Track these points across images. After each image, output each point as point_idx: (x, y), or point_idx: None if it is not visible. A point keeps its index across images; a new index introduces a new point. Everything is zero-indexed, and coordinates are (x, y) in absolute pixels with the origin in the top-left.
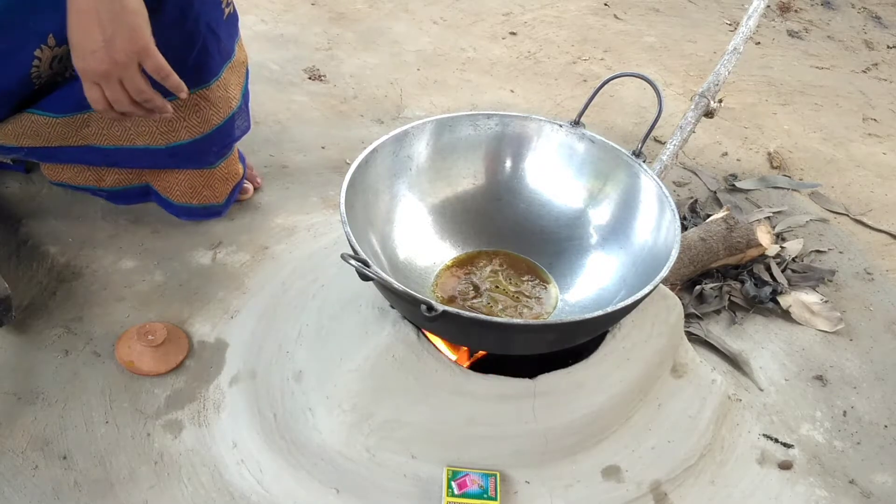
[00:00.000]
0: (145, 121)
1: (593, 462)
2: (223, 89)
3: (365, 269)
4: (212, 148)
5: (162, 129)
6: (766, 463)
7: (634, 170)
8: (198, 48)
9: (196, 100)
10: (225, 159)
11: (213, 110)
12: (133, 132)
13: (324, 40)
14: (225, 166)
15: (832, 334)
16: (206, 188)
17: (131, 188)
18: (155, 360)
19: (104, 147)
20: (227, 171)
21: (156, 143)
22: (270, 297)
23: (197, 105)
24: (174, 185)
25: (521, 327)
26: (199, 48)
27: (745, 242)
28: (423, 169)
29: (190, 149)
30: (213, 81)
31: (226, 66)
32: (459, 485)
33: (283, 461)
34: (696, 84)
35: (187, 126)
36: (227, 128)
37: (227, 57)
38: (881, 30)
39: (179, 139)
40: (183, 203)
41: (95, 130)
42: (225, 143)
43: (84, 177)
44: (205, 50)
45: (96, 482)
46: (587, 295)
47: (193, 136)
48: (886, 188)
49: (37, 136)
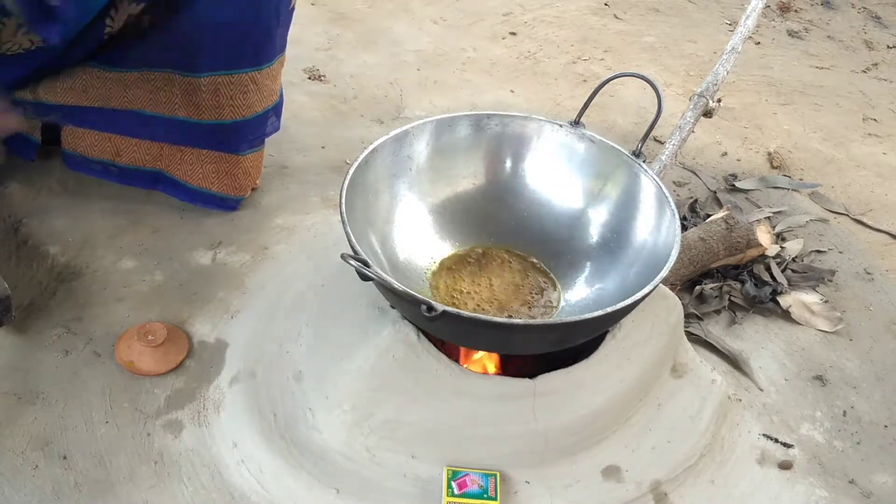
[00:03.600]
0: (193, 92)
1: (593, 462)
2: (271, 78)
3: (365, 269)
4: (247, 135)
5: (208, 103)
6: (766, 463)
7: (634, 170)
8: (263, 28)
9: (247, 81)
10: (253, 151)
11: (258, 96)
12: (179, 102)
13: (324, 40)
14: (251, 159)
15: (832, 334)
16: (228, 176)
17: (144, 171)
18: (155, 360)
19: (146, 113)
20: (252, 165)
21: (199, 117)
22: (270, 297)
23: (246, 87)
24: (197, 167)
25: (521, 327)
26: (265, 29)
27: (745, 242)
28: (423, 169)
29: (228, 130)
30: (266, 66)
31: (279, 57)
32: (459, 485)
33: (283, 461)
34: (696, 84)
35: (232, 106)
36: (264, 118)
37: (282, 48)
38: (881, 30)
39: (222, 118)
40: (201, 188)
41: (143, 93)
42: (258, 134)
43: (102, 148)
44: (269, 32)
45: (96, 482)
46: (587, 295)
47: (235, 117)
48: (886, 188)
49: (83, 92)
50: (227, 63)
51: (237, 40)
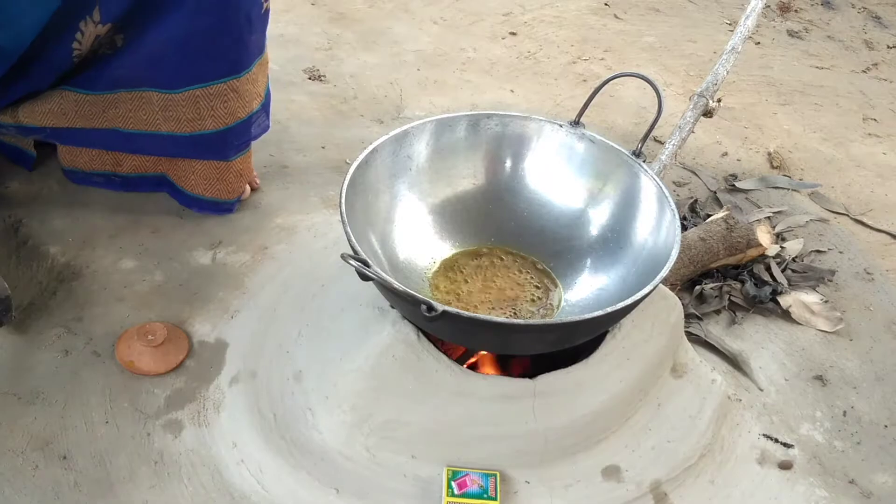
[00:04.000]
0: (172, 107)
1: (593, 462)
2: (252, 83)
3: (365, 269)
4: (233, 141)
5: (188, 116)
6: (766, 463)
7: (634, 170)
8: (234, 37)
9: (225, 90)
10: (241, 154)
11: (239, 102)
12: (160, 118)
13: (324, 40)
14: (240, 161)
15: (832, 334)
16: (219, 181)
17: (147, 176)
18: (155, 360)
19: (128, 131)
20: (242, 167)
21: (181, 130)
22: (270, 297)
23: (225, 96)
24: (189, 174)
25: (521, 327)
26: (236, 37)
27: (745, 242)
28: (423, 169)
29: (212, 139)
30: (244, 73)
31: (257, 61)
32: (459, 485)
33: (283, 461)
34: (696, 84)
35: (213, 116)
36: (249, 123)
37: (259, 52)
38: (881, 30)
39: (204, 128)
40: (196, 195)
41: (122, 113)
42: (244, 139)
43: (101, 161)
44: (241, 40)
45: (96, 482)
46: (587, 295)
47: (218, 126)
48: (886, 188)
49: (63, 115)
50: (201, 76)
51: (209, 52)
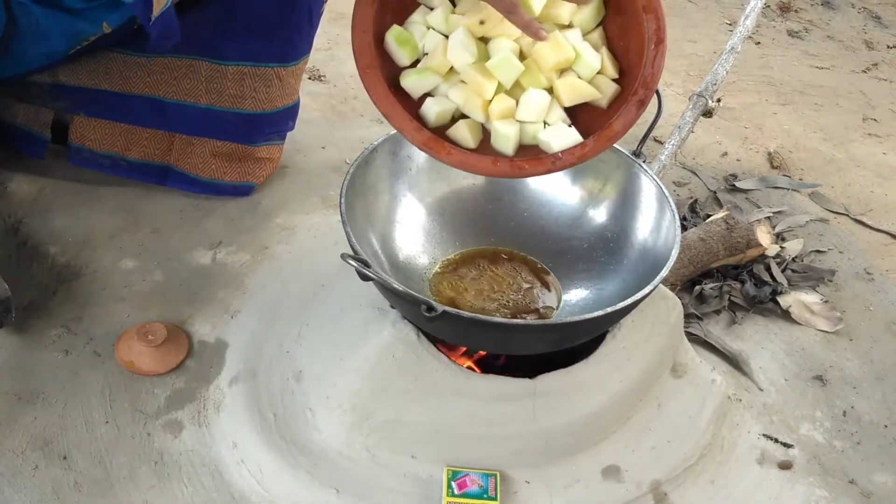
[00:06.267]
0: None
1: (593, 462)
2: (294, 78)
3: (365, 269)
4: (263, 128)
5: (231, 91)
6: (766, 463)
7: (634, 170)
8: (295, 25)
9: (272, 75)
10: (266, 145)
11: (280, 91)
12: (202, 88)
13: (324, 40)
14: (266, 149)
15: (832, 334)
16: (241, 164)
17: (153, 165)
18: (155, 360)
19: (166, 100)
20: (266, 155)
21: (221, 104)
22: (270, 297)
23: (270, 81)
24: (209, 159)
25: (520, 327)
26: (296, 26)
27: (745, 242)
28: (423, 169)
29: (245, 120)
30: (292, 64)
31: (304, 58)
32: (459, 485)
33: (283, 461)
34: (696, 84)
35: (254, 97)
36: (282, 115)
37: (307, 50)
38: (881, 30)
39: (243, 107)
40: (213, 179)
41: (167, 79)
42: (273, 130)
43: (112, 141)
44: (298, 30)
45: (96, 482)
46: (587, 295)
47: (255, 109)
48: (886, 188)
49: (106, 74)
50: (255, 55)
51: (269, 33)
